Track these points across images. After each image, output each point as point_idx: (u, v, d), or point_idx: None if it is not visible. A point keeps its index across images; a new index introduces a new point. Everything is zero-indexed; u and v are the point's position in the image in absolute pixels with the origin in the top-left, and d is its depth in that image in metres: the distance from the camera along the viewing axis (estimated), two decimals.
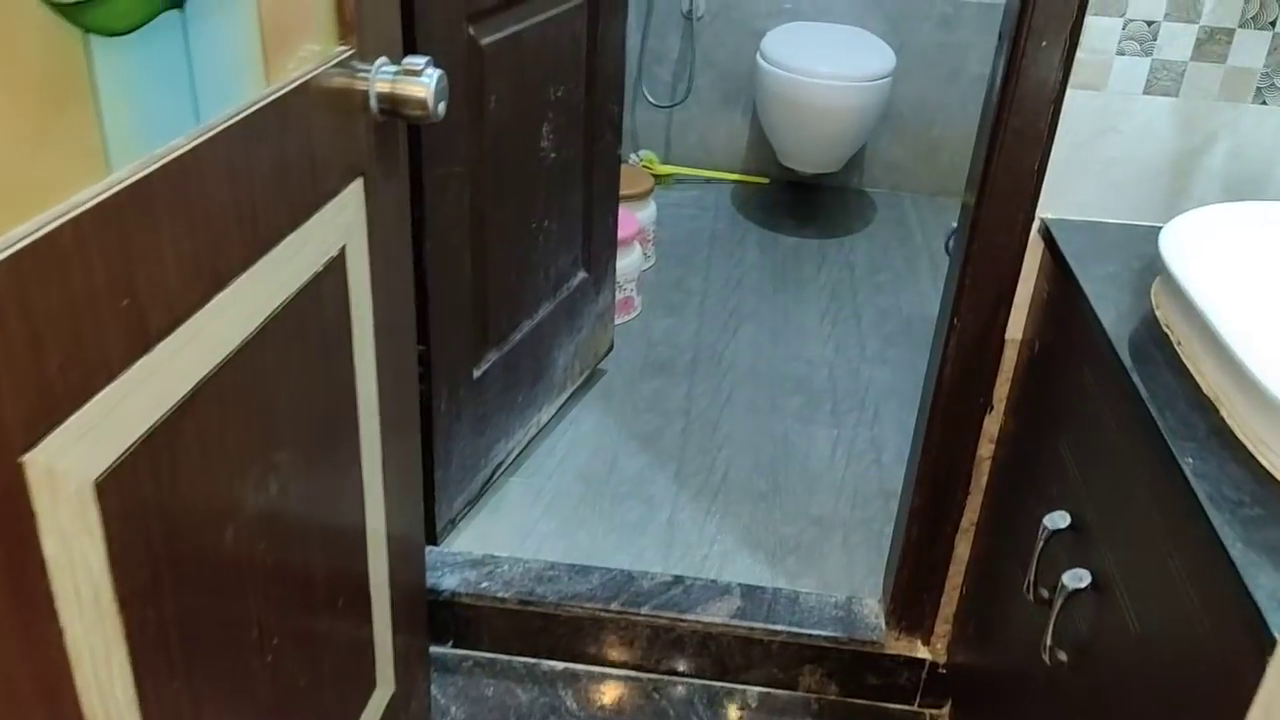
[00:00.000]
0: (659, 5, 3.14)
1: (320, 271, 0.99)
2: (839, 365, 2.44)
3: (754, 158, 3.34)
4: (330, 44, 0.99)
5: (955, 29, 3.11)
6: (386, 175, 1.13)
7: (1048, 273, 1.27)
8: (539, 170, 1.82)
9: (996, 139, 1.25)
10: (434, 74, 1.07)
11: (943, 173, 3.31)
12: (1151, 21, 1.16)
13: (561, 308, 2.04)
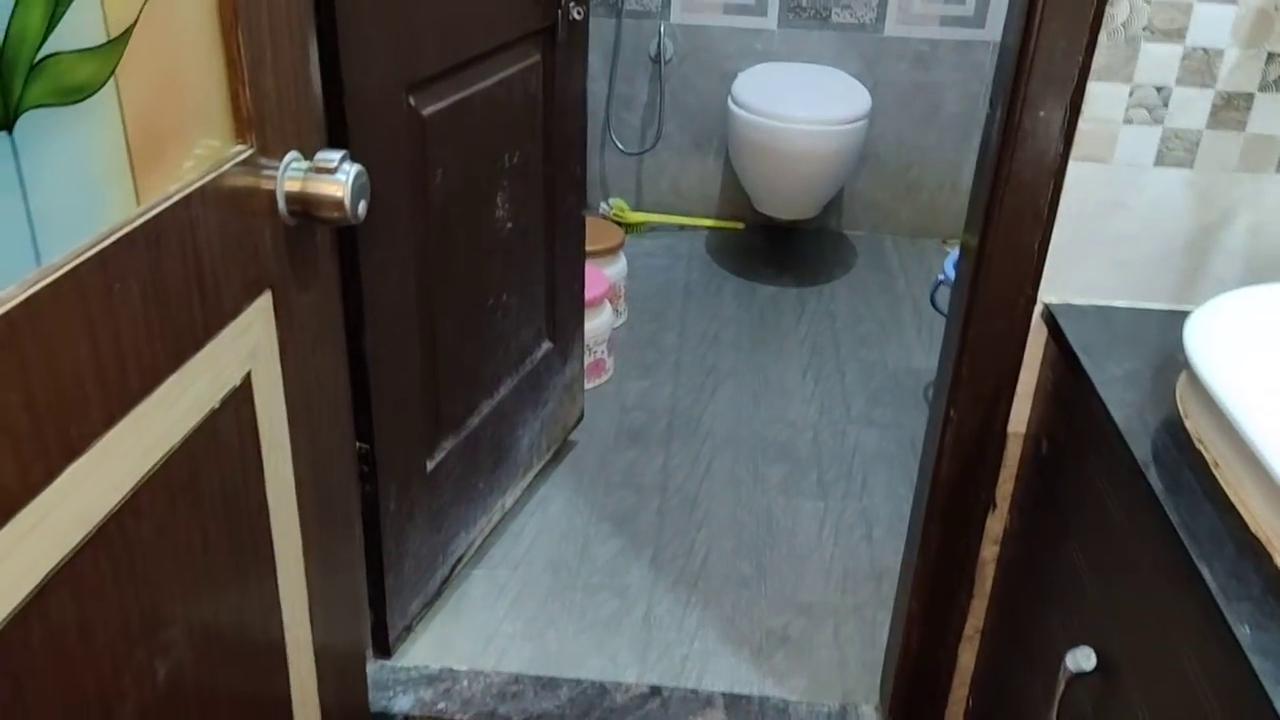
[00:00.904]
0: (626, 50, 3.03)
1: (217, 408, 0.85)
2: (823, 428, 2.30)
3: (727, 203, 3.22)
4: (227, 142, 0.85)
5: (931, 68, 3.01)
6: (303, 283, 0.99)
7: (1053, 361, 1.15)
8: (495, 242, 1.69)
9: (992, 217, 1.12)
10: (350, 170, 0.93)
11: (922, 213, 3.20)
12: (1162, 87, 1.04)
13: (525, 383, 1.90)
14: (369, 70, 1.29)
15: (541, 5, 1.66)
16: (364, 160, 1.32)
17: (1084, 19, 1.01)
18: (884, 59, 3.01)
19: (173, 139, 0.78)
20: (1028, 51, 1.04)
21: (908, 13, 2.95)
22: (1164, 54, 1.02)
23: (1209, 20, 1.00)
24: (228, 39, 0.83)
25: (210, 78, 0.83)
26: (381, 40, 1.31)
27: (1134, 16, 1.01)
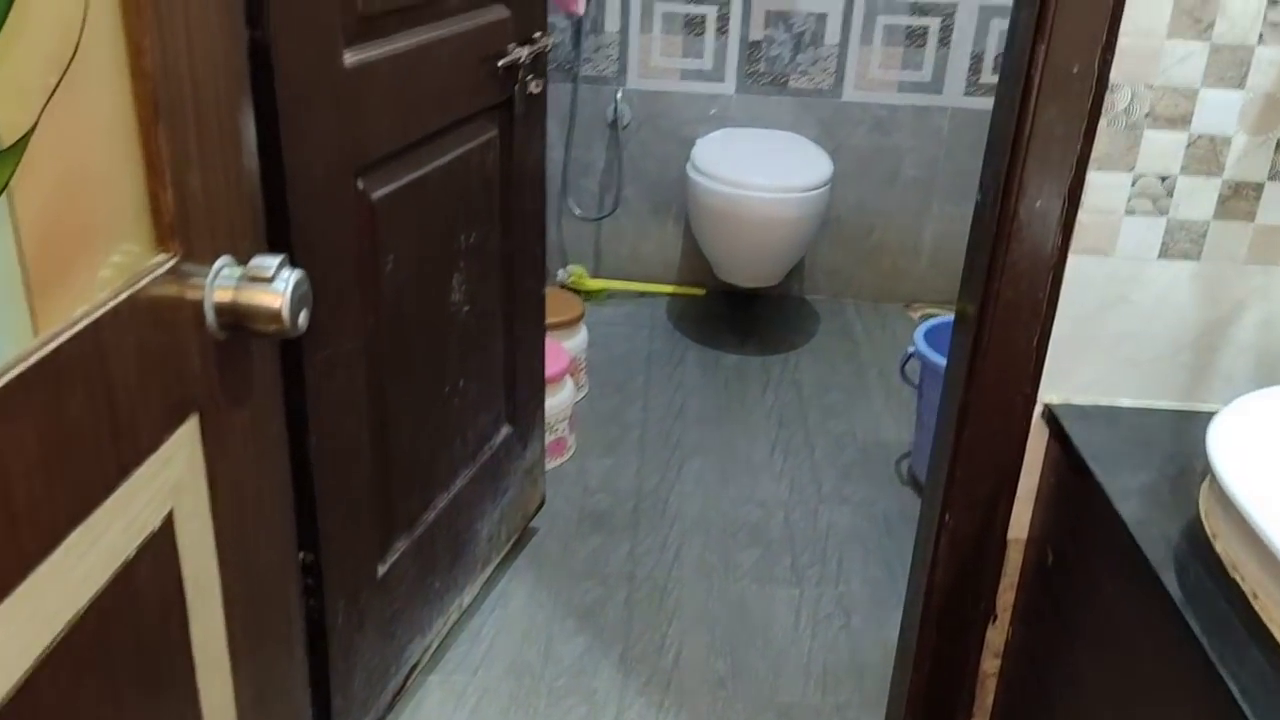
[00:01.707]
0: (582, 115, 2.97)
1: (132, 558, 0.74)
2: (795, 507, 2.21)
3: (688, 268, 3.15)
4: (147, 250, 0.75)
5: (890, 132, 2.98)
6: (235, 401, 0.88)
7: (1056, 464, 1.07)
8: (450, 328, 1.59)
9: (987, 312, 1.05)
10: (289, 278, 0.83)
11: (884, 278, 3.16)
12: (1166, 176, 0.98)
13: (484, 471, 1.78)
14: (313, 154, 1.20)
15: (498, 79, 1.58)
16: (308, 253, 1.23)
17: (1082, 105, 0.95)
18: (843, 124, 2.98)
19: (81, 253, 0.67)
20: (1022, 139, 0.97)
21: (865, 78, 2.93)
22: (1168, 142, 0.96)
23: (1215, 106, 0.95)
24: (147, 137, 0.73)
25: (127, 180, 0.73)
26: (328, 122, 1.21)
27: (1135, 103, 0.95)
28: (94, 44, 0.67)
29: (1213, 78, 0.94)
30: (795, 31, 2.89)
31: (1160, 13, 0.91)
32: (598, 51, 2.91)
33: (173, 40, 0.75)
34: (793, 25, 2.88)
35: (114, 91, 0.70)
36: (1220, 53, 0.93)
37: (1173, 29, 0.92)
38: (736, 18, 2.87)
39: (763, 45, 2.90)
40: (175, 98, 0.75)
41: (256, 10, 1.06)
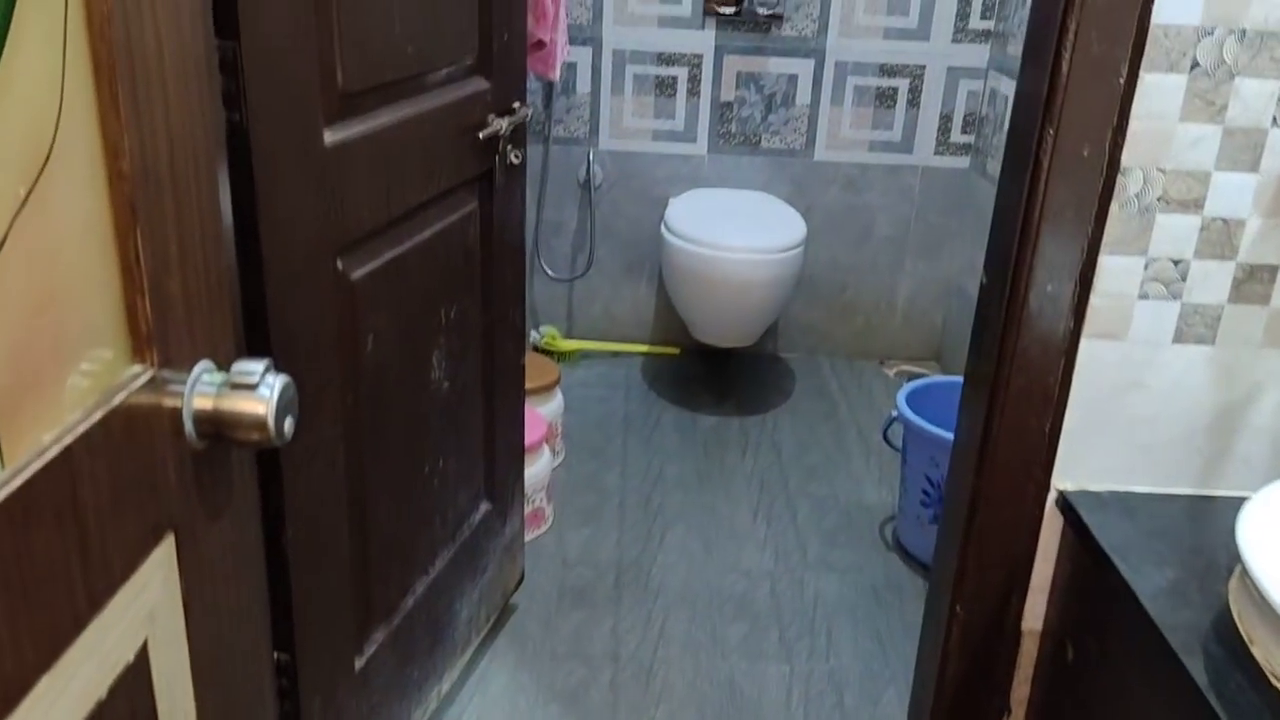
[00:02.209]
0: (554, 176, 2.94)
1: (104, 699, 0.67)
2: (780, 576, 2.16)
3: (662, 327, 3.12)
4: (122, 360, 0.69)
5: (861, 191, 2.99)
6: (213, 514, 0.81)
7: (1072, 553, 1.03)
8: (430, 405, 1.53)
9: (997, 398, 1.02)
10: (275, 384, 0.77)
11: (859, 335, 3.15)
12: (1179, 260, 0.96)
13: (463, 551, 1.72)
14: (292, 237, 1.14)
15: (478, 151, 1.54)
16: (286, 337, 1.18)
17: (1093, 189, 0.93)
18: (815, 183, 2.98)
19: (50, 368, 0.61)
20: (1031, 222, 0.95)
21: (836, 138, 2.94)
22: (1181, 225, 0.94)
23: (1228, 189, 0.93)
24: (124, 242, 0.68)
25: (102, 289, 0.67)
26: (308, 203, 1.16)
27: (1148, 187, 0.93)
28: (67, 147, 0.62)
29: (1226, 161, 0.92)
30: (766, 93, 2.89)
31: (1172, 96, 0.89)
32: (569, 113, 2.89)
33: (152, 137, 0.70)
34: (764, 86, 2.89)
35: (88, 196, 0.65)
36: (1233, 136, 0.91)
37: (1185, 112, 0.90)
38: (708, 79, 2.87)
39: (734, 106, 2.90)
40: (154, 198, 0.70)
41: (235, 92, 1.01)
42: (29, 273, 0.58)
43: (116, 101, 0.65)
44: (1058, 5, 0.88)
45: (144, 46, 0.68)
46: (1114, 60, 0.88)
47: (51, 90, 0.60)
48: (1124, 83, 0.88)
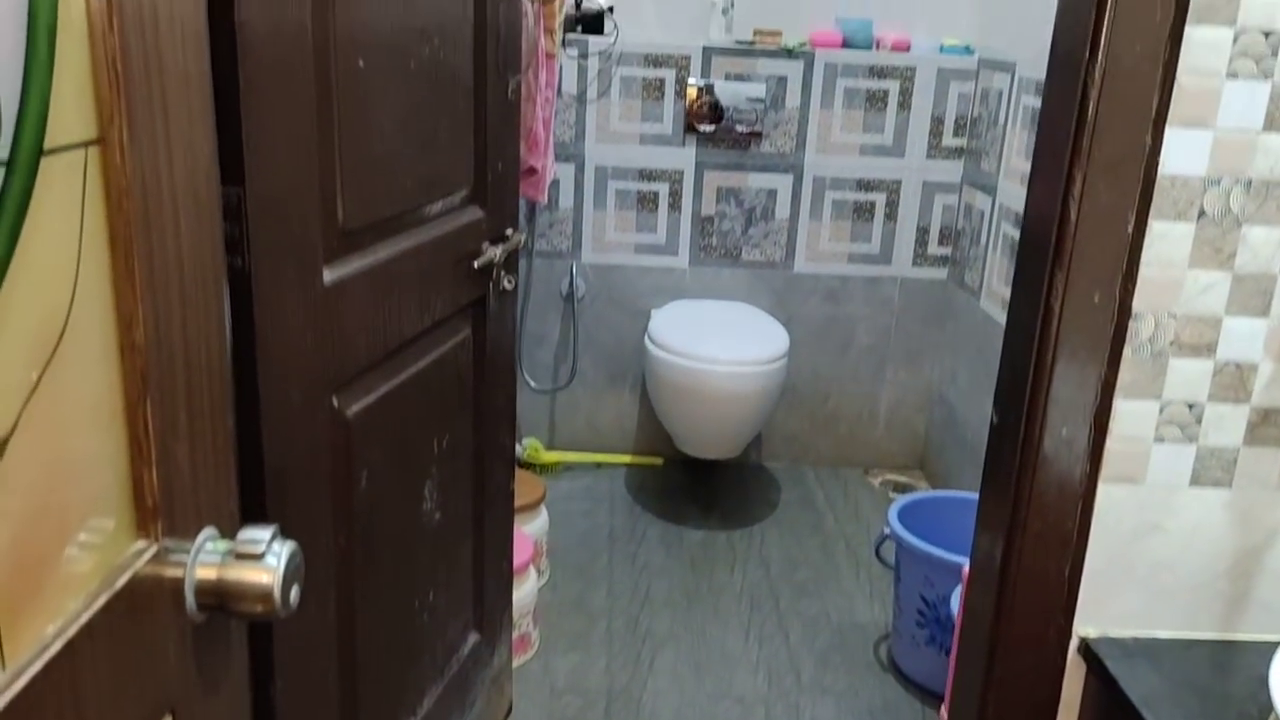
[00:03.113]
0: (537, 288, 2.95)
1: None
2: (775, 701, 2.10)
3: (645, 437, 3.10)
4: (124, 536, 0.66)
5: (842, 302, 3.02)
6: (211, 689, 0.77)
7: (1097, 701, 1.00)
8: (422, 538, 1.49)
9: (1014, 542, 1.00)
10: (282, 552, 0.74)
11: (842, 444, 3.14)
12: (1194, 404, 0.96)
13: (452, 686, 1.65)
14: (290, 377, 1.12)
15: (472, 279, 1.53)
16: (280, 479, 1.14)
17: (1105, 333, 0.93)
18: (795, 294, 3.01)
19: (53, 552, 0.58)
20: (1044, 366, 0.95)
21: (816, 251, 2.98)
22: (1194, 369, 0.95)
23: (1240, 334, 0.93)
24: (133, 415, 0.65)
25: (108, 462, 0.64)
26: (306, 343, 1.14)
27: (1159, 332, 0.93)
28: (81, 323, 0.60)
29: (1236, 306, 0.92)
30: (746, 207, 2.93)
31: (1181, 244, 0.90)
32: (552, 227, 2.91)
33: (165, 304, 0.68)
34: (744, 201, 2.93)
35: (99, 369, 0.62)
36: (1243, 282, 0.92)
37: (1194, 259, 0.91)
38: (689, 194, 2.91)
39: (715, 220, 2.94)
40: (165, 367, 0.67)
41: (238, 237, 1.00)
42: (36, 456, 0.56)
43: (133, 273, 0.63)
44: (1064, 156, 0.89)
45: (160, 215, 0.66)
46: (1122, 209, 0.89)
47: (67, 270, 0.58)
48: (1132, 231, 0.89)
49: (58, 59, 0.57)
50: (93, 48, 0.59)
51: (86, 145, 0.60)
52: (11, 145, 0.54)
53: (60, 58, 0.57)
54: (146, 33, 0.65)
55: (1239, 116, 0.87)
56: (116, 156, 0.62)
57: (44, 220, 0.56)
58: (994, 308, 2.60)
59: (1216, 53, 0.85)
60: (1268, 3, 0.84)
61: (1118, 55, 0.84)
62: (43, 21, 0.55)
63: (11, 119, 0.54)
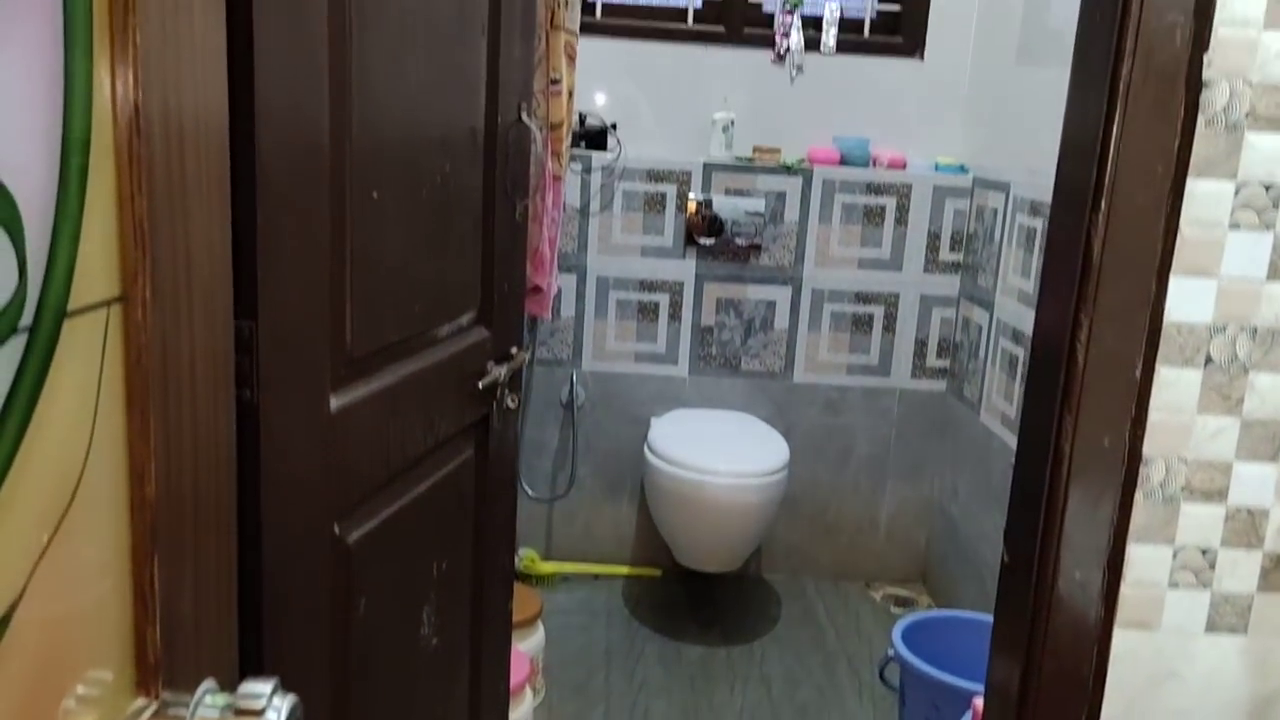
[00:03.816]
0: (537, 396, 2.95)
1: None
2: None
3: (643, 548, 3.06)
4: (125, 693, 0.64)
5: (841, 412, 3.02)
6: None
7: None
8: (419, 665, 1.45)
9: (1029, 686, 0.98)
10: (283, 707, 0.72)
11: (842, 556, 3.10)
12: (1207, 549, 0.95)
13: None
14: (293, 506, 1.11)
15: (476, 399, 1.53)
16: (279, 610, 1.11)
17: (1116, 479, 0.93)
18: (795, 404, 3.01)
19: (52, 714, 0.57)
20: (1055, 509, 0.94)
21: (815, 361, 2.99)
22: (1206, 515, 0.94)
23: (1251, 480, 0.93)
24: (139, 570, 0.64)
25: (111, 621, 0.63)
26: (310, 472, 1.13)
27: (1171, 477, 0.93)
28: (93, 482, 0.59)
29: (1246, 452, 0.93)
30: (746, 318, 2.96)
31: (1189, 390, 0.91)
32: (554, 336, 2.93)
33: (178, 457, 0.67)
34: (743, 312, 2.96)
35: (109, 526, 0.62)
36: (1252, 428, 0.92)
37: (1203, 405, 0.92)
38: (689, 305, 2.94)
39: (715, 330, 2.96)
40: (175, 522, 0.67)
41: (248, 370, 1.00)
42: (41, 617, 0.55)
43: (147, 429, 0.63)
44: (1070, 301, 0.90)
45: (178, 368, 0.67)
46: (1129, 354, 0.90)
47: (83, 430, 0.58)
48: (1140, 376, 0.90)
49: (85, 222, 0.58)
50: (120, 210, 0.60)
51: (109, 304, 0.61)
52: (35, 311, 0.54)
53: (88, 220, 0.58)
54: (174, 191, 0.66)
55: (1243, 266, 0.89)
56: (139, 313, 0.62)
57: (62, 382, 0.56)
58: (994, 422, 2.60)
59: (1218, 205, 0.87)
60: (1268, 157, 0.87)
61: (1120, 207, 0.86)
62: (73, 186, 0.56)
63: (37, 284, 0.55)
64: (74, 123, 0.55)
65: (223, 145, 0.72)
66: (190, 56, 0.67)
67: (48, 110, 0.53)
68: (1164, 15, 0.83)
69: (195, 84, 0.68)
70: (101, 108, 0.57)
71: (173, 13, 0.63)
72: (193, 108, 0.68)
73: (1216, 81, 0.85)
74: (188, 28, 0.66)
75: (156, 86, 0.62)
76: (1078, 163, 0.87)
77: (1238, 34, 0.84)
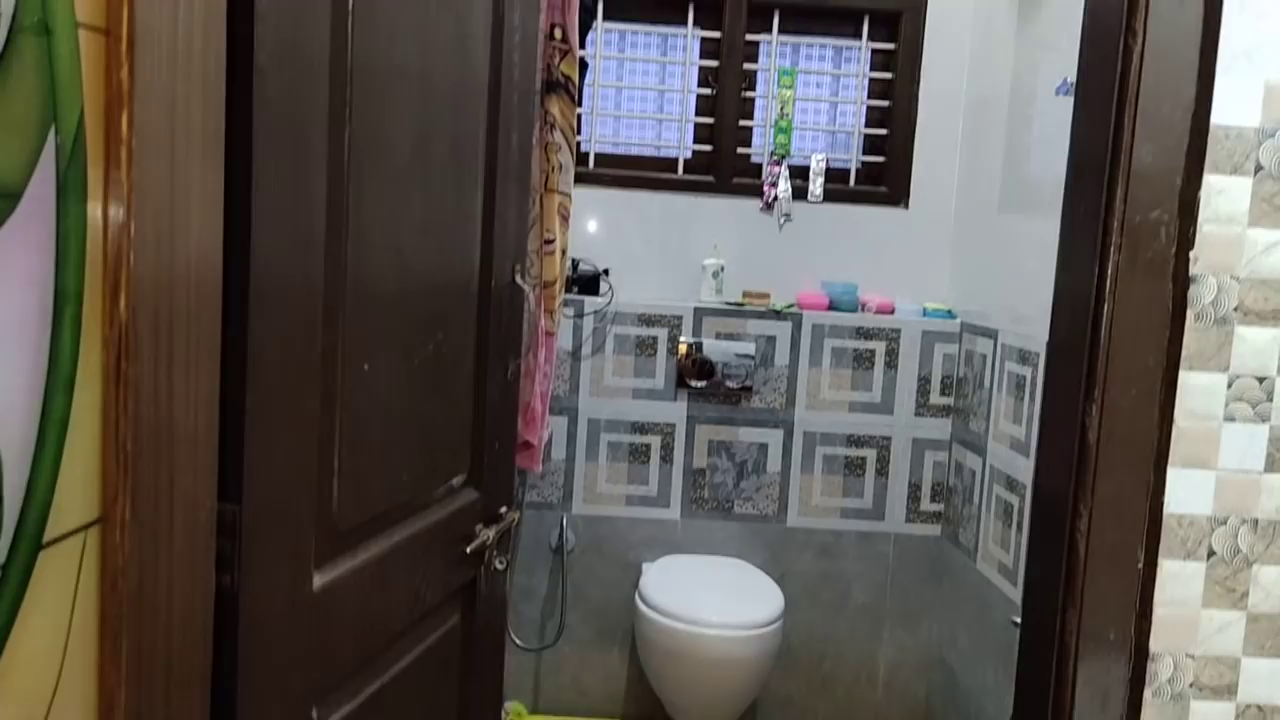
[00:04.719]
0: (526, 541, 2.90)
1: None
2: None
3: (635, 700, 2.96)
4: None
5: (836, 557, 2.97)
6: None
7: None
8: None
9: None
10: None
11: (840, 709, 3.00)
12: None
13: None
14: (269, 691, 1.06)
15: (463, 562, 1.50)
16: None
17: (1122, 674, 0.90)
18: (789, 549, 2.97)
19: None
20: (1064, 705, 0.91)
21: (808, 505, 2.96)
22: (1216, 712, 0.91)
23: (1259, 675, 0.90)
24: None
25: None
26: (290, 654, 1.09)
27: (1179, 673, 0.90)
28: (61, 715, 0.57)
29: (1253, 647, 0.90)
30: (738, 460, 2.94)
31: (1193, 583, 0.89)
32: (544, 479, 2.90)
33: (150, 681, 0.64)
34: (735, 454, 2.94)
35: None
36: (1258, 622, 0.90)
37: (1208, 599, 0.90)
38: (680, 447, 2.92)
39: (707, 473, 2.94)
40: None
41: (230, 553, 0.97)
42: None
43: (119, 657, 0.60)
44: (1068, 491, 0.89)
45: (155, 588, 0.64)
46: (1130, 546, 0.88)
47: (53, 660, 0.55)
48: (1143, 568, 0.88)
49: (67, 449, 0.57)
50: (104, 432, 0.59)
51: (87, 528, 0.59)
52: (10, 546, 0.53)
53: (70, 447, 0.57)
54: (160, 405, 0.65)
55: (1240, 458, 0.88)
56: (116, 535, 0.60)
57: (34, 618, 0.54)
58: (991, 570, 2.56)
59: (1212, 398, 0.87)
60: (1259, 351, 0.87)
61: (1114, 399, 0.86)
62: (55, 416, 0.55)
63: (14, 517, 0.53)
64: (60, 356, 0.54)
65: (214, 345, 0.72)
66: (185, 266, 0.67)
67: (33, 348, 0.53)
68: (1148, 213, 0.85)
69: (189, 301, 0.67)
70: (90, 335, 0.57)
71: (166, 284, 0.63)
72: (185, 311, 0.67)
73: (1204, 277, 0.86)
74: (184, 256, 0.66)
75: (148, 322, 0.61)
76: (1069, 358, 0.88)
77: (1223, 231, 0.86)
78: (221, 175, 0.69)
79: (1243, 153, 0.85)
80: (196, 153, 0.64)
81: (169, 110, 0.62)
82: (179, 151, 0.61)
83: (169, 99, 0.62)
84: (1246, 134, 0.86)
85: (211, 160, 0.67)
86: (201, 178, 0.66)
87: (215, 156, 0.68)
